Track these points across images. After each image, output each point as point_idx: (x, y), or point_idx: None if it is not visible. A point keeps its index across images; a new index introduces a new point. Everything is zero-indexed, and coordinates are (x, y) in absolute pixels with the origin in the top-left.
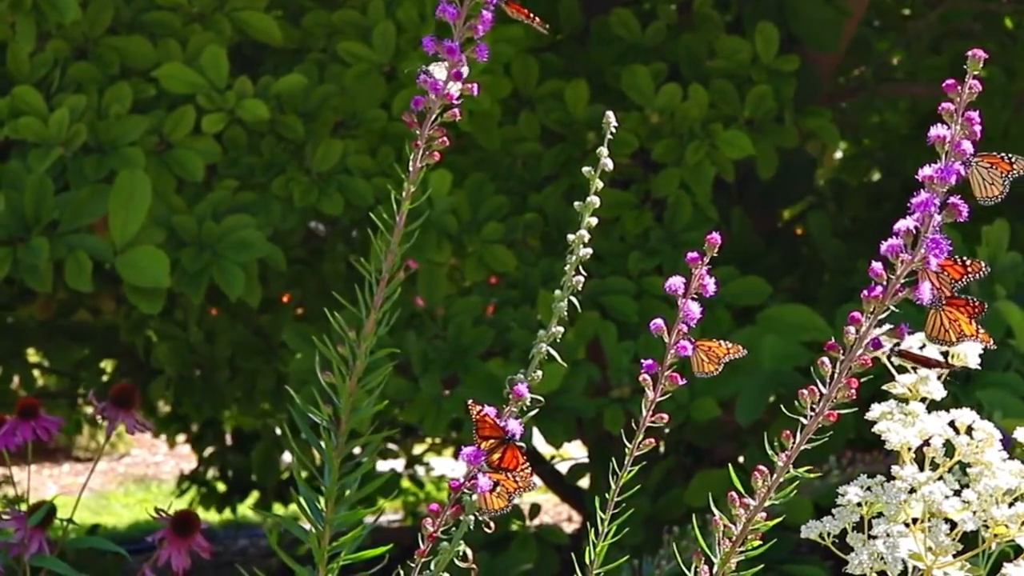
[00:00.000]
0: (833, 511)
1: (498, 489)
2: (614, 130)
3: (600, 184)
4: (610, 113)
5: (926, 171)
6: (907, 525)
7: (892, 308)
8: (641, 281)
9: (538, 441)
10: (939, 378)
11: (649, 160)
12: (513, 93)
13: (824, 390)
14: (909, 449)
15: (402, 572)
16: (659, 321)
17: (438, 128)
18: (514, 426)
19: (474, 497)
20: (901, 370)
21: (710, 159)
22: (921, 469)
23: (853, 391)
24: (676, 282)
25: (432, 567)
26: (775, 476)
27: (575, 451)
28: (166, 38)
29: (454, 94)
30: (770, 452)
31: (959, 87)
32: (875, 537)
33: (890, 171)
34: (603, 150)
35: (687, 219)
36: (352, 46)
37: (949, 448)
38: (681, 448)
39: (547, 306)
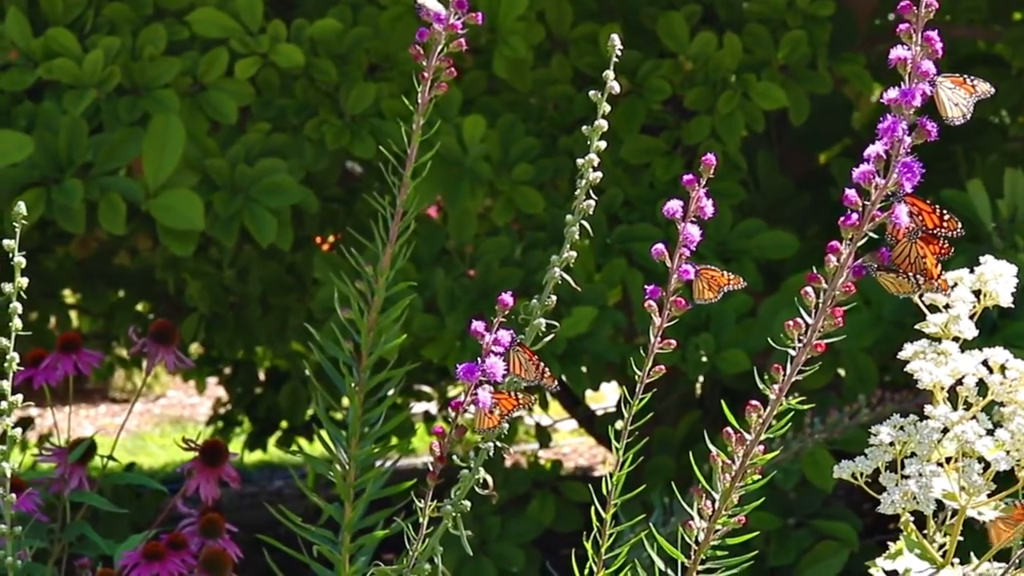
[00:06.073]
0: (866, 450)
1: (495, 408)
2: (647, 77)
3: (607, 107)
4: (615, 36)
5: (891, 94)
6: (940, 465)
7: (870, 235)
8: (669, 229)
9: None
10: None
11: (681, 107)
12: (547, 35)
13: (810, 321)
14: (942, 388)
15: (417, 502)
16: (660, 246)
17: (445, 59)
18: (504, 336)
19: (470, 414)
20: (932, 309)
21: (742, 109)
22: (954, 408)
23: (839, 319)
24: (674, 205)
25: (453, 495)
26: (768, 409)
27: (614, 395)
28: None
29: (458, 24)
30: (761, 386)
31: (914, 7)
32: (908, 477)
33: (929, 114)
34: (609, 73)
35: (717, 167)
36: None
37: (982, 387)
38: (717, 394)
39: (577, 251)
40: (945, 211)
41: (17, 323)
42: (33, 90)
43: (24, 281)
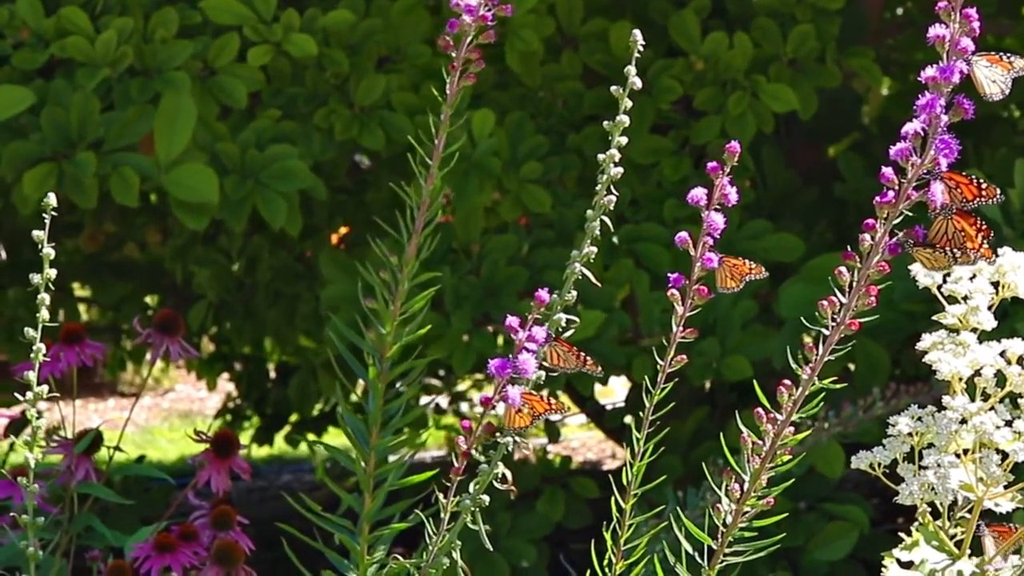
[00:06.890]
0: (884, 441)
1: (524, 407)
2: (658, 77)
3: (629, 103)
4: (637, 32)
5: (929, 72)
6: (958, 456)
7: (906, 213)
8: (676, 228)
9: None
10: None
11: (690, 106)
12: (557, 31)
13: (844, 299)
14: (960, 379)
15: (439, 496)
16: (684, 234)
17: (474, 50)
18: (539, 332)
19: (499, 409)
20: (951, 300)
21: (752, 111)
22: (972, 400)
23: (873, 299)
24: (699, 193)
25: (472, 488)
26: (800, 389)
27: (622, 390)
28: None
29: (488, 16)
30: (794, 366)
31: None
32: (926, 468)
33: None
34: (631, 69)
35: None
36: None
37: (1000, 378)
38: (724, 388)
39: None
40: (982, 180)
41: (45, 314)
42: (44, 70)
43: (53, 272)
